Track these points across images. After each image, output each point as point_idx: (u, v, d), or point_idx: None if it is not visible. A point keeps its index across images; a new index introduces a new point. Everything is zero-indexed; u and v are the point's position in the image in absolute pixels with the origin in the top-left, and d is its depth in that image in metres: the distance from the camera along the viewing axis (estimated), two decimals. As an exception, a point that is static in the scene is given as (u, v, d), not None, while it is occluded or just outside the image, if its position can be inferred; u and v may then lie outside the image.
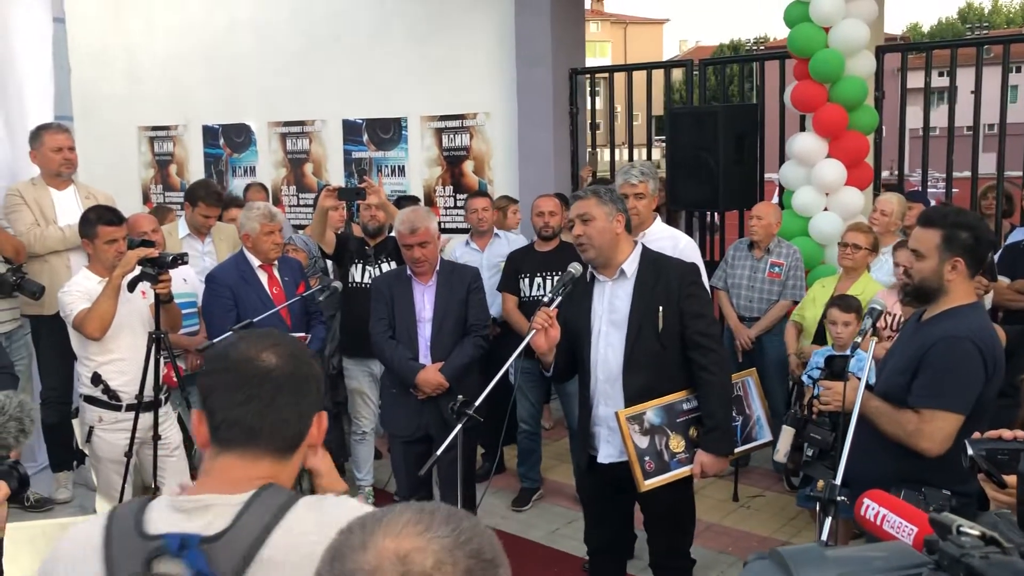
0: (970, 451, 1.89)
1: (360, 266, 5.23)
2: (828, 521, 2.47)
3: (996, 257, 5.30)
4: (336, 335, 5.69)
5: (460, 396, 3.17)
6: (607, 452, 3.48)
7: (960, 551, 1.09)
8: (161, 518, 1.46)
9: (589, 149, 7.86)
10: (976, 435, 1.96)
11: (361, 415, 5.39)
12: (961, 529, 1.13)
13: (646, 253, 3.50)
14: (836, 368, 3.05)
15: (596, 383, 3.46)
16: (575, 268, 3.42)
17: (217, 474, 1.51)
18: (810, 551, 1.12)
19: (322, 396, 1.62)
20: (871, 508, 1.44)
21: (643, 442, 3.34)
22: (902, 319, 4.60)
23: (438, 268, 4.38)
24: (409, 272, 4.34)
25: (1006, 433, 1.95)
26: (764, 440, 3.70)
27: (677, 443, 3.39)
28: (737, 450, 3.60)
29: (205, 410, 1.52)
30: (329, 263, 5.79)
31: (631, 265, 3.43)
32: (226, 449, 1.51)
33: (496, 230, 5.99)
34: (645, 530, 3.65)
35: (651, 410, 3.37)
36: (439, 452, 3.14)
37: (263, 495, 1.46)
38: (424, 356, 4.34)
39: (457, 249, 6.04)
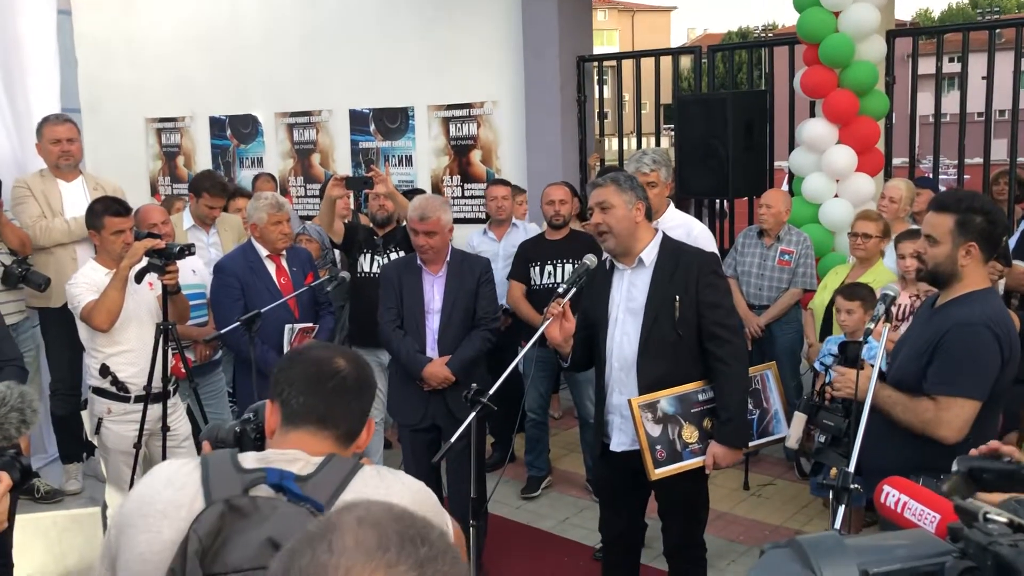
0: (955, 467, 1.85)
1: (369, 256, 5.21)
2: (841, 509, 2.45)
3: (1013, 242, 5.25)
4: (345, 325, 5.68)
5: (474, 384, 3.15)
6: (619, 440, 3.46)
7: (988, 539, 1.06)
8: (254, 462, 1.69)
9: (596, 137, 7.82)
10: (972, 452, 1.92)
11: (370, 405, 5.37)
12: (988, 516, 1.10)
13: (666, 242, 3.46)
14: (850, 354, 3.01)
15: (611, 371, 3.44)
16: (590, 259, 3.40)
17: (291, 443, 1.73)
18: (829, 539, 1.09)
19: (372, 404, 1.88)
20: (891, 495, 1.41)
21: (655, 431, 3.32)
22: (908, 309, 4.56)
23: (448, 259, 4.34)
24: (419, 261, 4.31)
25: (1004, 448, 1.91)
26: (781, 435, 3.65)
27: (690, 433, 3.36)
28: (752, 443, 3.56)
29: (280, 400, 1.77)
30: (337, 253, 5.78)
31: (650, 254, 3.40)
32: (297, 427, 1.75)
33: (514, 220, 5.94)
34: (660, 519, 3.63)
35: (665, 399, 3.34)
36: (452, 440, 3.12)
37: (335, 458, 1.71)
38: (431, 348, 4.31)
39: (474, 238, 6.02)
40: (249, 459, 1.69)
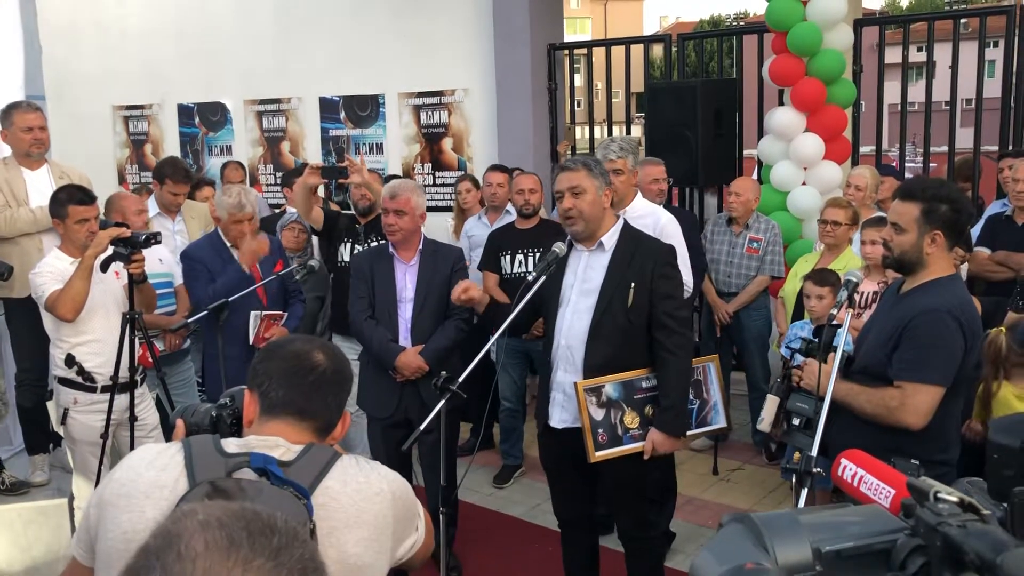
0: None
1: (348, 245, 5.17)
2: (804, 492, 2.48)
3: (977, 230, 5.32)
4: (327, 312, 5.64)
5: (443, 372, 3.16)
6: (560, 417, 3.50)
7: (937, 519, 1.07)
8: (236, 447, 1.72)
9: (568, 125, 7.82)
10: None
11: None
12: (939, 495, 1.11)
13: (627, 229, 3.49)
14: (825, 339, 3.03)
15: (558, 349, 3.47)
16: (559, 248, 3.42)
17: (270, 431, 1.77)
18: (783, 517, 1.10)
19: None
20: (848, 468, 1.41)
21: (598, 414, 3.37)
22: (871, 297, 4.61)
23: (421, 247, 4.29)
24: (391, 250, 4.28)
25: None
26: (719, 425, 3.76)
27: (632, 419, 3.41)
28: (689, 432, 3.61)
29: (259, 391, 1.80)
30: (315, 240, 5.74)
31: (611, 239, 3.43)
32: (276, 418, 1.79)
33: (508, 207, 5.92)
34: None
35: (610, 384, 3.39)
36: (421, 428, 3.13)
37: (315, 446, 1.77)
38: (404, 337, 4.26)
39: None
40: (231, 444, 1.73)
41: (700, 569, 1.07)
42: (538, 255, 5.21)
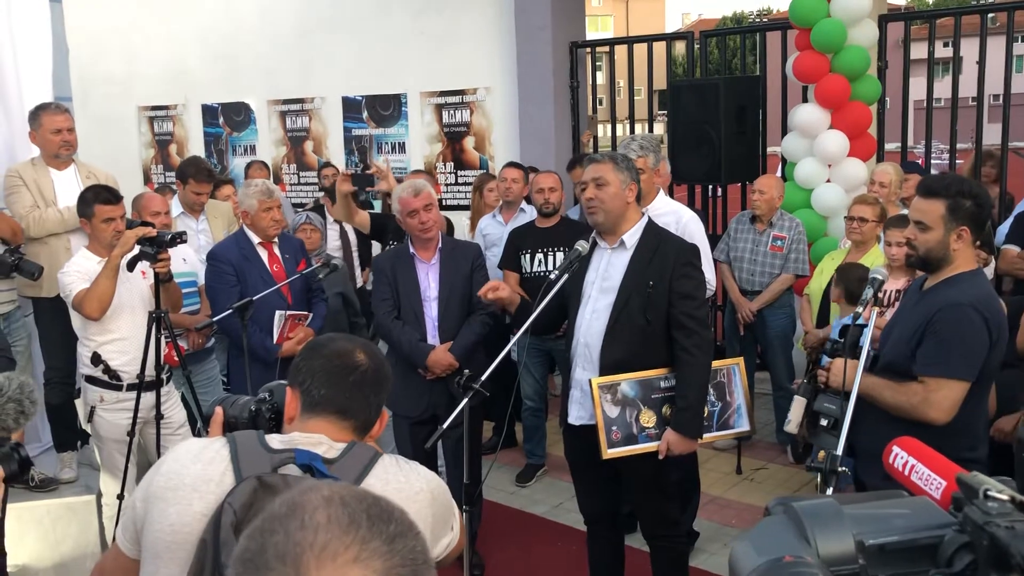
0: None
1: (393, 247, 5.18)
2: (829, 492, 2.46)
3: (1006, 226, 5.26)
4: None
5: (466, 371, 3.17)
6: (578, 414, 3.51)
7: (985, 518, 1.03)
8: (280, 443, 1.74)
9: (590, 114, 7.81)
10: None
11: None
12: (989, 493, 1.06)
13: (650, 227, 3.48)
14: (851, 339, 3.01)
15: (577, 346, 3.49)
16: (582, 246, 3.43)
17: (312, 429, 1.78)
18: (827, 508, 1.06)
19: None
20: (900, 456, 1.35)
21: (613, 412, 3.37)
22: (894, 294, 4.57)
23: (440, 245, 4.31)
24: (412, 250, 4.29)
25: None
26: (741, 429, 3.70)
27: (648, 418, 3.40)
28: (707, 435, 3.58)
29: (301, 389, 1.82)
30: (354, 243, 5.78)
31: (632, 237, 3.43)
32: (318, 416, 1.80)
33: (523, 204, 5.91)
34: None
35: (627, 382, 3.38)
36: (444, 426, 3.14)
37: (357, 444, 1.78)
38: (432, 336, 4.27)
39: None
40: (275, 440, 1.75)
41: (739, 559, 1.05)
42: (558, 254, 5.21)
